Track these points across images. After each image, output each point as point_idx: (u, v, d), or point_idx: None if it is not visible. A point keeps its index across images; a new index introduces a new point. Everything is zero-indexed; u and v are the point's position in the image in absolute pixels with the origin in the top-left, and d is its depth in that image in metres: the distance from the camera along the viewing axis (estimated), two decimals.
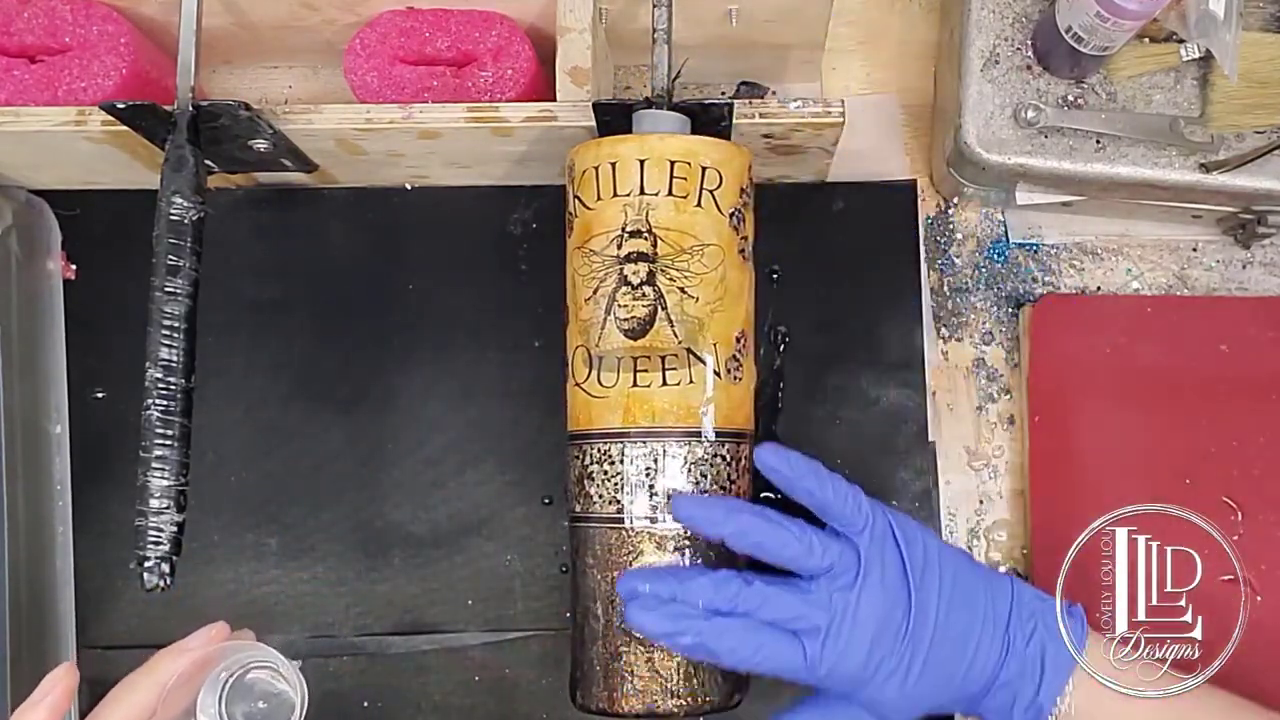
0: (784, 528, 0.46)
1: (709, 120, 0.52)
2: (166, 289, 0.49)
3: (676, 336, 0.49)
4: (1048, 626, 0.48)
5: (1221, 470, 0.60)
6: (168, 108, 0.51)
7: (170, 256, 0.49)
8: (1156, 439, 0.60)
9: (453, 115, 0.54)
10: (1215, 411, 0.60)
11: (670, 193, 0.50)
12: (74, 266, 0.63)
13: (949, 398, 0.63)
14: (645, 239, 0.49)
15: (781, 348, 0.62)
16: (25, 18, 0.57)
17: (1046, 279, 0.64)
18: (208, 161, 0.53)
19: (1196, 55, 0.55)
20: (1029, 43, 0.57)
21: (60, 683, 0.45)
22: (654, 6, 0.52)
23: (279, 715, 0.47)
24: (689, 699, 0.49)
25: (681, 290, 0.49)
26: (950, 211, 0.65)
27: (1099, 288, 0.64)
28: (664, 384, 0.49)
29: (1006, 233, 0.65)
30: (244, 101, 0.51)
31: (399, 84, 0.58)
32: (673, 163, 0.50)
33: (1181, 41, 0.56)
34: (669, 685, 0.49)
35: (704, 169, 0.50)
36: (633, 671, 0.49)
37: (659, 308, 0.49)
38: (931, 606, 0.46)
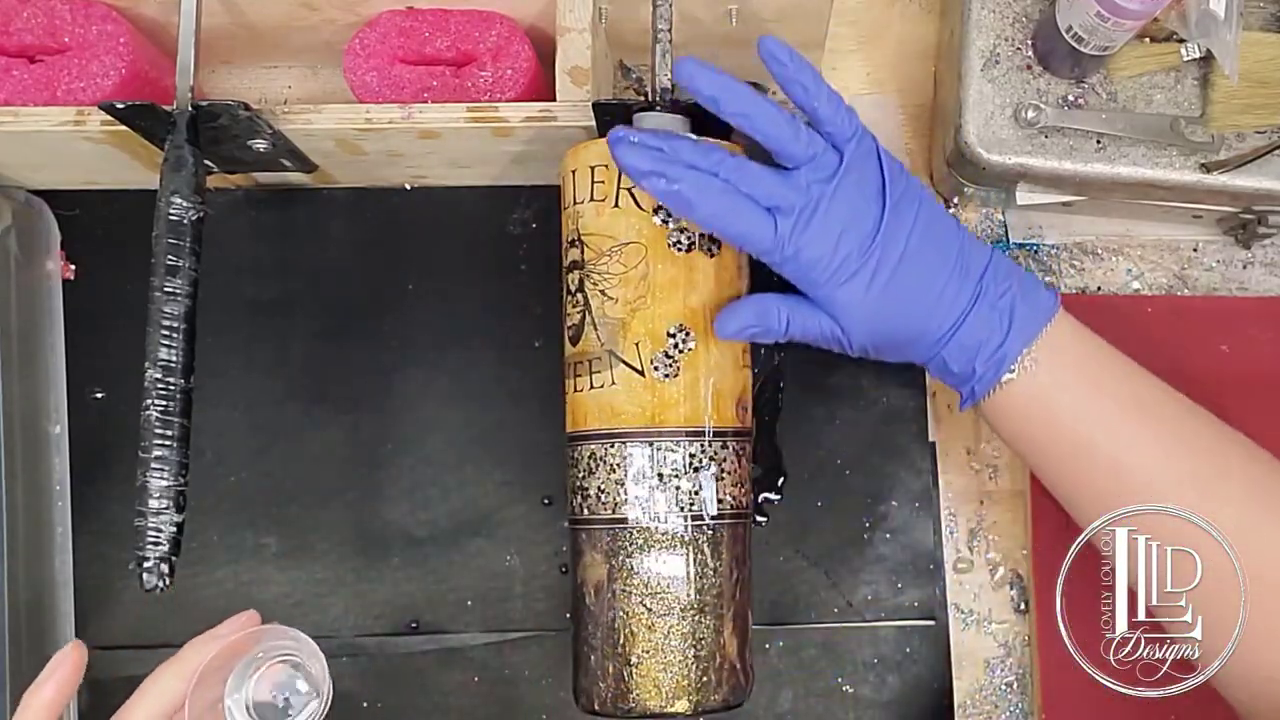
0: (776, 107, 0.47)
1: (709, 120, 0.52)
2: (166, 289, 0.49)
3: (600, 339, 0.50)
4: (1023, 289, 0.49)
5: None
6: (167, 108, 0.51)
7: (170, 256, 0.49)
8: None
9: (453, 115, 0.54)
10: (1215, 411, 0.60)
11: (592, 198, 0.51)
12: (73, 266, 0.63)
13: (949, 398, 0.63)
14: (577, 247, 0.51)
15: (781, 348, 0.62)
16: (24, 17, 0.57)
17: (1046, 279, 0.64)
18: (207, 161, 0.53)
19: (1197, 55, 0.55)
20: (1029, 43, 0.57)
21: (67, 659, 0.44)
22: (654, 6, 0.52)
23: (301, 706, 0.46)
24: (692, 699, 0.49)
25: (603, 293, 0.50)
26: (950, 211, 0.65)
27: (1099, 288, 0.64)
28: (591, 387, 0.50)
29: (1007, 233, 0.64)
30: (243, 101, 0.51)
31: (399, 84, 0.58)
32: (593, 168, 0.51)
33: (1182, 41, 0.55)
34: (672, 685, 0.49)
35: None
36: (636, 672, 0.49)
37: (586, 313, 0.50)
38: (903, 230, 0.47)
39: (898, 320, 0.48)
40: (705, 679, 0.49)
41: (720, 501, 0.50)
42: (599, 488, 0.50)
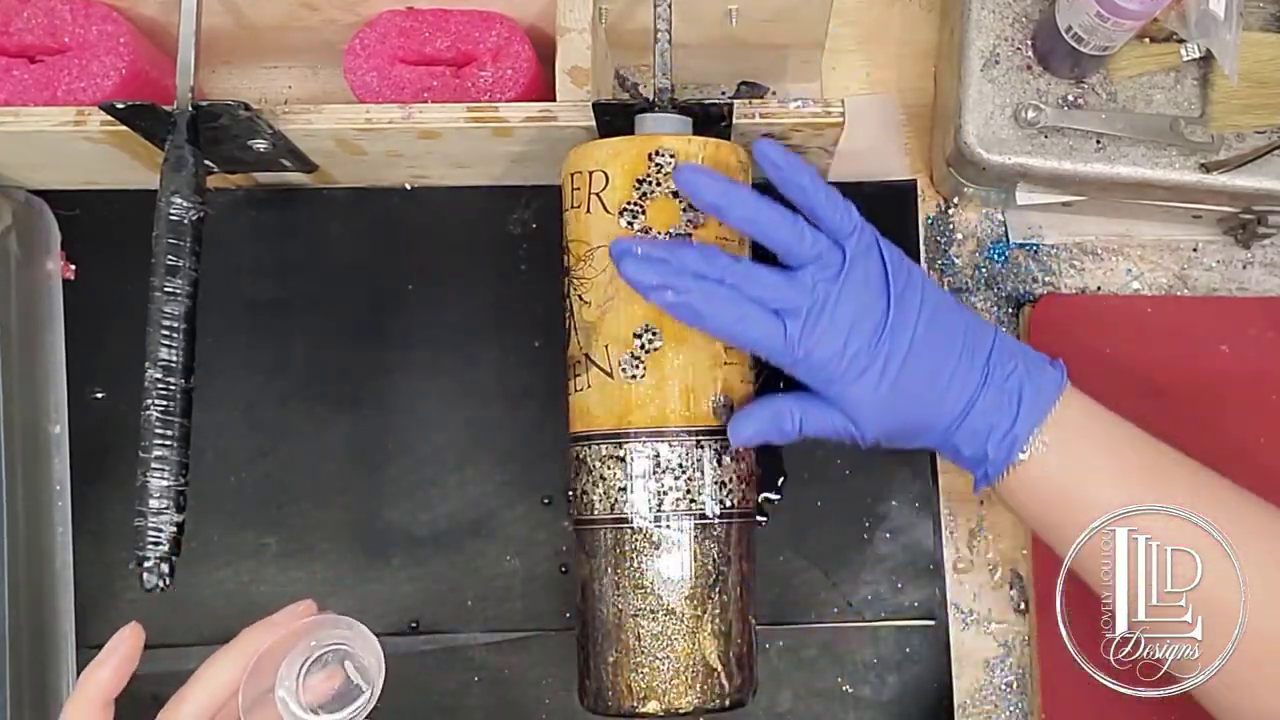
0: (778, 209, 0.47)
1: (709, 120, 0.52)
2: (166, 289, 0.49)
3: (579, 343, 0.50)
4: (1028, 368, 0.49)
5: (1222, 470, 0.60)
6: (167, 108, 0.51)
7: (170, 256, 0.49)
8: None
9: (453, 115, 0.54)
10: (1215, 411, 0.60)
11: (572, 205, 0.51)
12: (73, 266, 0.63)
13: None
14: (565, 253, 0.52)
15: None
16: (25, 17, 0.57)
17: (1046, 279, 0.64)
18: (207, 161, 0.53)
19: (1197, 55, 0.55)
20: (1029, 43, 0.57)
21: (125, 641, 0.44)
22: (654, 6, 0.52)
23: (352, 697, 0.46)
24: (698, 697, 0.49)
25: (580, 297, 0.50)
26: (950, 211, 0.65)
27: (1099, 288, 0.64)
28: (574, 391, 0.51)
29: (1006, 233, 0.64)
30: (244, 101, 0.51)
31: (399, 84, 0.58)
32: (572, 174, 0.51)
33: (1182, 41, 0.56)
34: (643, 686, 0.49)
35: (591, 174, 0.50)
36: (612, 670, 0.49)
37: (570, 318, 0.51)
38: (910, 320, 0.47)
39: (909, 411, 0.48)
40: (675, 681, 0.49)
41: (693, 503, 0.49)
42: (581, 489, 0.51)
